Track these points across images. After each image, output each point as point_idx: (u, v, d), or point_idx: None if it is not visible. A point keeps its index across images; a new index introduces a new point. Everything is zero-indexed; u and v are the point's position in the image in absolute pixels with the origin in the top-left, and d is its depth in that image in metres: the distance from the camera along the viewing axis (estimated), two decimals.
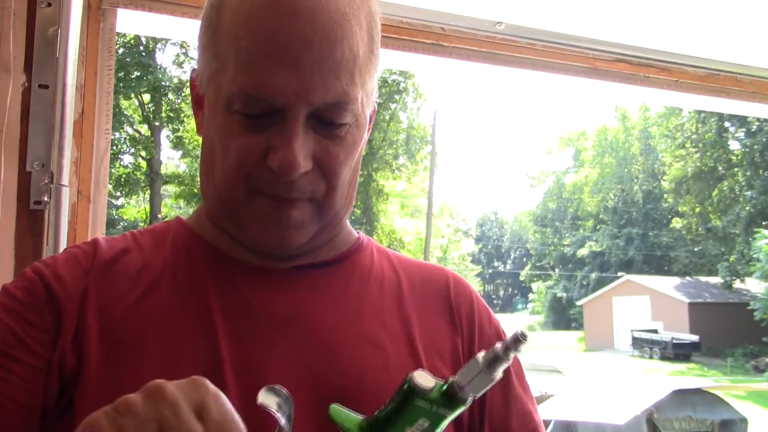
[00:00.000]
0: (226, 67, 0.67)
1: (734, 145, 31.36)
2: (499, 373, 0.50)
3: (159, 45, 18.08)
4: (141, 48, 17.74)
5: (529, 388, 0.82)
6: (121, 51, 16.64)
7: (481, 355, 0.49)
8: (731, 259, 29.86)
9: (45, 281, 0.70)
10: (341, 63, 0.65)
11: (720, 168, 31.04)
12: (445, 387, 0.50)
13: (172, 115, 19.21)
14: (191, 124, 19.69)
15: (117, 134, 17.97)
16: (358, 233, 0.85)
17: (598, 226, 42.19)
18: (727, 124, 30.10)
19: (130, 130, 19.34)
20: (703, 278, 33.15)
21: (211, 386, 0.51)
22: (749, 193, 28.83)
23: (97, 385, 0.65)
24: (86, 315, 0.68)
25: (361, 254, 0.81)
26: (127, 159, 19.94)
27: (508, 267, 57.28)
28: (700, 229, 33.94)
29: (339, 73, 0.65)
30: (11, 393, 0.64)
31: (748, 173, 29.33)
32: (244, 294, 0.72)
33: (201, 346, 0.68)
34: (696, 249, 35.79)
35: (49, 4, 1.25)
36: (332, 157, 0.69)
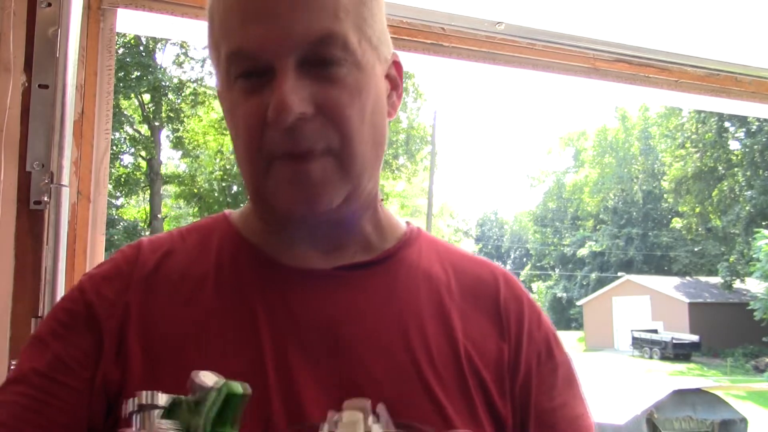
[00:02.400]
0: (221, 49, 0.68)
1: (734, 145, 31.36)
2: None
3: (159, 45, 18.08)
4: (141, 48, 17.74)
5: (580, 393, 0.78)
6: (121, 51, 16.64)
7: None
8: (731, 259, 29.86)
9: (87, 300, 0.70)
10: (319, 2, 0.64)
11: (720, 168, 31.02)
12: None
13: (172, 115, 19.21)
14: (191, 124, 19.69)
15: (117, 134, 17.97)
16: (407, 224, 0.81)
17: (598, 226, 42.18)
18: (727, 124, 30.08)
19: (130, 130, 19.33)
20: (703, 278, 33.14)
21: None
22: (749, 193, 28.82)
23: None
24: (128, 330, 0.68)
25: (409, 249, 0.77)
26: (127, 159, 19.95)
27: (508, 267, 57.17)
28: (700, 229, 33.93)
29: (319, 12, 0.64)
30: (55, 417, 0.65)
31: (748, 173, 29.31)
32: (287, 300, 0.70)
33: (244, 356, 0.66)
34: (696, 249, 35.78)
35: (49, 4, 1.25)
36: (333, 99, 0.65)
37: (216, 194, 19.94)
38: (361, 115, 0.66)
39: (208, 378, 0.46)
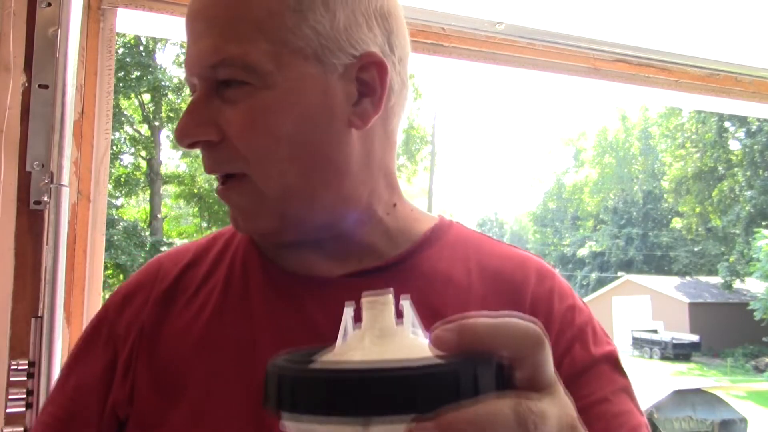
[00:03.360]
0: None
1: (734, 145, 31.38)
2: None
3: (159, 45, 18.08)
4: (141, 48, 17.74)
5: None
6: (121, 51, 16.64)
7: None
8: (731, 259, 29.86)
9: (109, 319, 0.72)
10: (230, 22, 0.61)
11: (720, 168, 31.04)
12: None
13: (172, 115, 19.21)
14: None
15: (117, 134, 17.97)
16: (440, 219, 0.77)
17: (598, 226, 42.19)
18: (727, 124, 30.11)
19: (130, 130, 19.34)
20: (703, 278, 33.14)
21: None
22: (749, 193, 28.84)
23: (142, 421, 0.65)
24: (140, 350, 0.68)
25: (425, 253, 0.71)
26: (127, 159, 19.94)
27: None
28: (700, 229, 33.94)
29: (219, 35, 0.61)
30: None
31: (748, 173, 29.33)
32: (290, 307, 0.68)
33: (241, 373, 0.64)
34: (696, 249, 35.79)
35: (49, 4, 1.25)
36: (232, 123, 0.62)
37: (216, 194, 19.93)
38: (273, 136, 0.62)
39: None
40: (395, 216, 0.72)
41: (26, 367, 1.18)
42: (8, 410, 1.16)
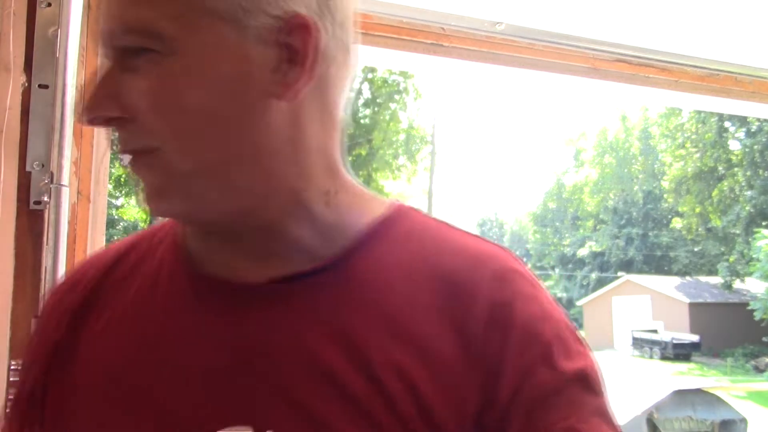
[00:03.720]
0: None
1: (734, 145, 31.38)
2: None
3: None
4: None
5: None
6: None
7: None
8: (731, 259, 29.87)
9: (37, 331, 0.69)
10: None
11: (720, 168, 31.04)
12: None
13: None
14: None
15: (117, 134, 17.97)
16: (387, 211, 0.66)
17: (598, 226, 42.21)
18: (727, 124, 30.11)
19: None
20: (703, 278, 33.16)
21: None
22: (749, 193, 28.84)
23: None
24: (50, 371, 0.64)
25: (367, 251, 0.62)
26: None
27: None
28: (700, 229, 33.94)
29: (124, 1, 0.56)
30: None
31: (748, 173, 29.33)
32: (198, 323, 0.61)
33: (143, 389, 0.59)
34: (696, 249, 35.81)
35: (49, 4, 1.25)
36: (134, 95, 0.56)
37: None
38: (180, 106, 0.56)
39: None
40: (334, 207, 0.62)
41: None
42: (8, 410, 1.16)
